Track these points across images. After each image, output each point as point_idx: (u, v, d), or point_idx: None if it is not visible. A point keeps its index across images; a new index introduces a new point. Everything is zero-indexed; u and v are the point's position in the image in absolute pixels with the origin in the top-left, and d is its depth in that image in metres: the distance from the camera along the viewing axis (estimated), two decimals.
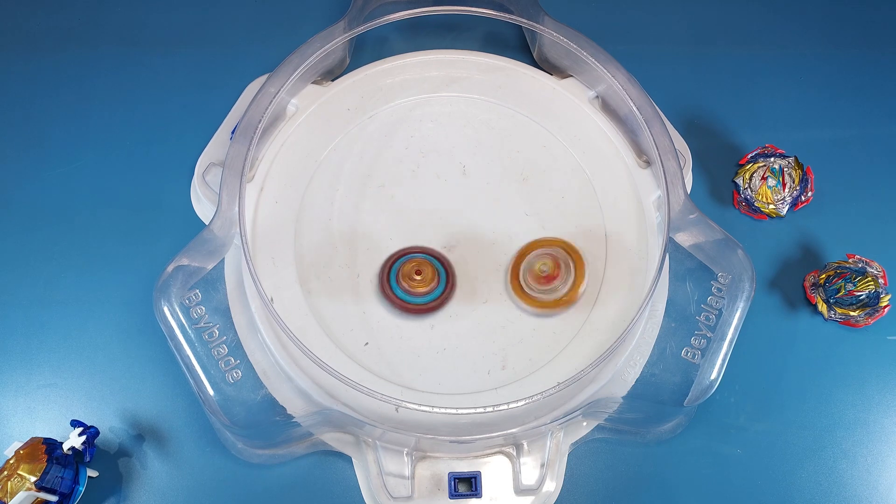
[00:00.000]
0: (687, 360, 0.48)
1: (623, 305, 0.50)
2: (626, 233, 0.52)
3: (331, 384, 0.46)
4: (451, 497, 0.46)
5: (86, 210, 0.55)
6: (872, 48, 0.64)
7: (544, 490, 0.47)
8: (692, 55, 0.63)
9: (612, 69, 0.53)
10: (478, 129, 0.55)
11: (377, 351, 0.48)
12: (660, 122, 0.52)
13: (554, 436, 0.47)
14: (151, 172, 0.56)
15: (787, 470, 0.50)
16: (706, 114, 0.60)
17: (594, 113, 0.56)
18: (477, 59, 0.58)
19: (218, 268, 0.49)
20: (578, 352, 0.48)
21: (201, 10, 0.63)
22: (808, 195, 0.56)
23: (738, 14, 0.65)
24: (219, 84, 0.59)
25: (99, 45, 0.61)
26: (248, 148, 0.49)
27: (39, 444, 0.45)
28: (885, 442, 0.51)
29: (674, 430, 0.50)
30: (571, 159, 0.54)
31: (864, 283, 0.51)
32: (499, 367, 0.48)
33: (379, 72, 0.57)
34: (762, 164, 0.56)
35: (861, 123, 0.61)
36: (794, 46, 0.64)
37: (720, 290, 0.49)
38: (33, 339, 0.52)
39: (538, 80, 0.57)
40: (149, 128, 0.58)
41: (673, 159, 0.51)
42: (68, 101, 0.59)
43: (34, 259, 0.54)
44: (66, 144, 0.57)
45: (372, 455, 0.47)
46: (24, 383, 0.51)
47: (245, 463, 0.48)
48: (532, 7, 0.56)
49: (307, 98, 0.55)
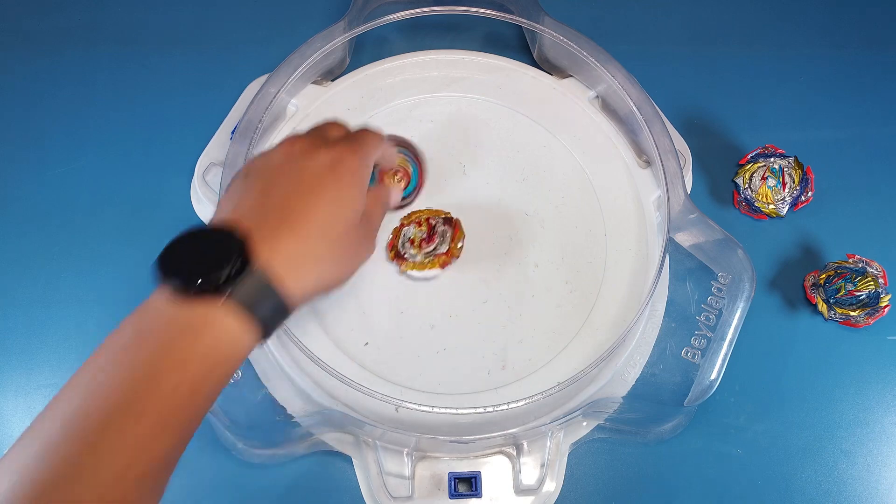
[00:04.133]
0: (687, 360, 0.48)
1: (623, 305, 0.50)
2: (626, 233, 0.52)
3: (331, 384, 0.46)
4: (451, 497, 0.46)
5: (86, 210, 0.55)
6: (872, 48, 0.64)
7: (544, 490, 0.47)
8: (692, 55, 0.63)
9: (612, 69, 0.53)
10: (478, 129, 0.55)
11: (377, 351, 0.48)
12: (660, 122, 0.52)
13: (554, 436, 0.47)
14: (151, 172, 0.56)
15: (787, 470, 0.50)
16: (706, 114, 0.60)
17: (594, 113, 0.56)
18: (477, 59, 0.58)
19: None
20: (578, 352, 0.48)
21: (201, 10, 0.63)
22: (808, 195, 0.56)
23: (738, 14, 0.65)
24: (219, 84, 0.59)
25: (99, 45, 0.61)
26: (248, 148, 0.50)
27: None
28: (885, 442, 0.51)
29: (674, 430, 0.50)
30: (571, 159, 0.54)
31: (864, 283, 0.51)
32: (499, 367, 0.48)
33: (379, 72, 0.57)
34: (762, 164, 0.56)
35: (861, 123, 0.61)
36: (794, 46, 0.64)
37: (720, 290, 0.49)
38: (33, 339, 0.52)
39: (538, 80, 0.57)
40: (149, 128, 0.58)
41: (673, 159, 0.51)
42: (68, 101, 0.59)
43: (34, 259, 0.54)
44: (66, 144, 0.57)
45: (372, 455, 0.47)
46: (24, 383, 0.51)
47: (245, 463, 0.48)
48: (532, 7, 0.56)
49: (307, 98, 0.55)
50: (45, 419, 0.29)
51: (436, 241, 0.49)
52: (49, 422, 0.29)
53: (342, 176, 0.36)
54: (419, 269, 0.49)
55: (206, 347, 0.31)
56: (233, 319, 0.31)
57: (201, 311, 0.31)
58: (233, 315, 0.31)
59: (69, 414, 0.28)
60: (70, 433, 0.28)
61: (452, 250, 0.49)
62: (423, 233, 0.49)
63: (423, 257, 0.49)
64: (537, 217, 0.52)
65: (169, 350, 0.30)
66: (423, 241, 0.49)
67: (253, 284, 0.32)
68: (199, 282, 0.31)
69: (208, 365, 0.31)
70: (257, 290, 0.32)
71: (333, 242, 0.35)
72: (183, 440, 0.31)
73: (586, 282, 0.50)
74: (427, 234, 0.49)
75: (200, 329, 0.31)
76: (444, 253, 0.49)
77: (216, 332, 0.31)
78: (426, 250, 0.49)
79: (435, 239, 0.49)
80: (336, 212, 0.35)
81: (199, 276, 0.31)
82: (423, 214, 0.50)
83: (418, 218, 0.50)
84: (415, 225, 0.50)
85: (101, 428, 0.28)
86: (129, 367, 0.30)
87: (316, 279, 0.34)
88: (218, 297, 0.31)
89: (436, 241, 0.49)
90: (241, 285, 0.31)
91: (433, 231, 0.49)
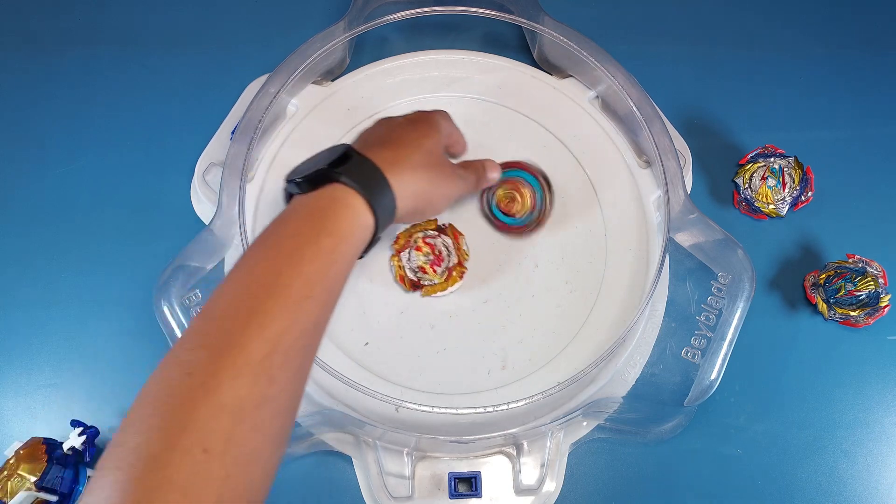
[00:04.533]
0: (687, 360, 0.48)
1: (623, 305, 0.50)
2: (626, 233, 0.52)
3: (331, 384, 0.46)
4: (451, 497, 0.46)
5: (86, 210, 0.55)
6: (872, 49, 0.64)
7: (544, 490, 0.47)
8: (692, 55, 0.63)
9: (612, 69, 0.53)
10: (478, 130, 0.55)
11: (377, 351, 0.48)
12: (660, 122, 0.52)
13: (554, 436, 0.47)
14: (151, 172, 0.56)
15: (787, 470, 0.50)
16: (706, 114, 0.60)
17: (594, 113, 0.56)
18: (477, 59, 0.58)
19: (218, 268, 0.49)
20: (578, 352, 0.48)
21: (201, 11, 0.63)
22: (808, 195, 0.56)
23: (738, 14, 0.65)
24: (219, 84, 0.59)
25: (99, 45, 0.61)
26: (248, 148, 0.49)
27: (39, 444, 0.45)
28: (885, 442, 0.51)
29: (674, 430, 0.50)
30: (571, 159, 0.54)
31: (864, 283, 0.51)
32: (499, 367, 0.48)
33: (379, 72, 0.57)
34: (762, 164, 0.56)
35: (861, 123, 0.61)
36: (794, 47, 0.64)
37: (720, 290, 0.49)
38: (34, 340, 0.52)
39: (538, 80, 0.57)
40: (149, 128, 0.58)
41: (673, 159, 0.51)
42: (68, 101, 0.59)
43: (34, 259, 0.54)
44: (66, 144, 0.57)
45: (372, 455, 0.47)
46: (25, 383, 0.51)
47: None
48: (532, 7, 0.56)
49: (307, 98, 0.55)
50: (215, 298, 0.34)
51: (444, 258, 0.49)
52: (217, 298, 0.34)
53: (419, 125, 0.44)
54: (443, 290, 0.49)
55: (332, 223, 0.36)
56: (349, 196, 0.37)
57: (320, 193, 0.37)
58: (349, 193, 0.37)
59: (233, 295, 0.34)
60: (234, 309, 0.32)
61: (461, 256, 0.50)
62: (428, 255, 0.49)
63: (440, 277, 0.49)
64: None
65: (300, 229, 0.36)
66: (432, 263, 0.49)
67: (358, 166, 0.38)
68: (314, 173, 0.38)
69: (336, 239, 0.36)
70: (363, 170, 0.38)
71: (425, 157, 0.42)
72: (325, 309, 0.35)
73: (586, 282, 0.50)
74: (434, 254, 0.49)
75: (324, 209, 0.37)
76: (456, 263, 0.49)
77: (337, 207, 0.37)
78: (440, 269, 0.49)
79: (443, 256, 0.49)
80: (421, 139, 0.42)
81: (313, 170, 0.38)
82: (415, 236, 0.50)
83: (412, 242, 0.50)
84: (414, 251, 0.50)
85: (261, 299, 0.32)
86: (273, 249, 0.35)
87: (414, 184, 0.40)
88: (331, 181, 0.37)
89: (444, 258, 0.49)
90: (349, 168, 0.38)
91: (436, 249, 0.50)
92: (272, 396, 0.31)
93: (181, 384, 0.30)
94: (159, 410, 0.29)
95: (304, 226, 0.36)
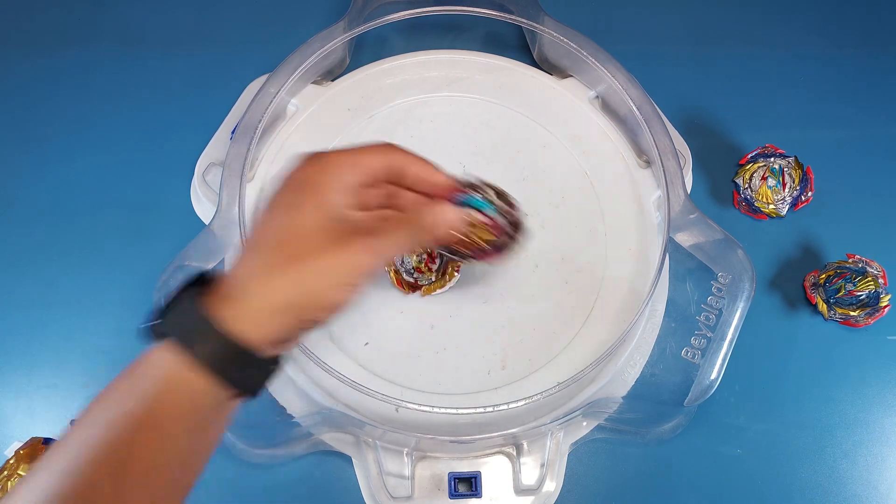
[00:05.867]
0: (687, 360, 0.48)
1: (623, 305, 0.50)
2: (626, 233, 0.52)
3: (331, 384, 0.46)
4: (451, 497, 0.46)
5: (86, 210, 0.55)
6: (872, 49, 0.64)
7: (544, 490, 0.47)
8: (692, 55, 0.63)
9: (612, 69, 0.53)
10: (478, 129, 0.55)
11: (377, 351, 0.48)
12: (660, 122, 0.52)
13: (554, 436, 0.47)
14: (151, 172, 0.56)
15: (787, 470, 0.50)
16: (706, 114, 0.60)
17: (594, 113, 0.56)
18: (477, 59, 0.58)
19: (218, 268, 0.49)
20: (578, 352, 0.48)
21: (201, 11, 0.63)
22: (808, 195, 0.56)
23: (738, 14, 0.65)
24: (219, 84, 0.59)
25: (99, 45, 0.61)
26: (248, 148, 0.49)
27: (39, 444, 0.45)
28: (885, 442, 0.51)
29: (674, 430, 0.50)
30: (571, 159, 0.54)
31: (864, 283, 0.51)
32: (499, 367, 0.48)
33: (379, 72, 0.57)
34: (762, 164, 0.56)
35: (861, 123, 0.61)
36: (794, 47, 0.64)
37: (720, 290, 0.49)
38: (34, 340, 0.52)
39: (538, 80, 0.57)
40: (149, 128, 0.58)
41: (673, 159, 0.51)
42: (68, 101, 0.59)
43: (34, 259, 0.54)
44: (66, 144, 0.57)
45: (372, 455, 0.47)
46: (25, 384, 0.51)
47: (245, 463, 0.48)
48: (532, 7, 0.56)
49: (307, 98, 0.55)
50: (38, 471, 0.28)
51: (437, 255, 0.49)
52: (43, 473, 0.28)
53: (297, 193, 0.33)
54: (441, 287, 0.49)
55: (148, 392, 0.29)
56: (169, 355, 0.29)
57: (146, 353, 0.30)
58: (169, 351, 0.29)
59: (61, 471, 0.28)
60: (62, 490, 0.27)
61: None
62: (421, 255, 0.49)
63: (436, 275, 0.49)
64: (537, 217, 0.52)
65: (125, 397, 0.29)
66: (426, 262, 0.49)
67: (182, 314, 0.30)
68: (146, 325, 0.30)
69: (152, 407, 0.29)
70: (188, 320, 0.30)
71: (286, 249, 0.31)
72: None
73: (586, 282, 0.50)
74: (426, 253, 0.49)
75: (144, 372, 0.30)
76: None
77: (154, 371, 0.29)
78: (435, 267, 0.49)
79: (435, 254, 0.49)
80: (285, 219, 0.32)
81: (150, 320, 0.30)
82: None
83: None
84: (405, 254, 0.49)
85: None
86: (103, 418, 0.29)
87: (271, 294, 0.30)
88: (158, 336, 0.30)
89: (437, 255, 0.49)
90: (173, 319, 0.30)
91: (427, 248, 0.49)
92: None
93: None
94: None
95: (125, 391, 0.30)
